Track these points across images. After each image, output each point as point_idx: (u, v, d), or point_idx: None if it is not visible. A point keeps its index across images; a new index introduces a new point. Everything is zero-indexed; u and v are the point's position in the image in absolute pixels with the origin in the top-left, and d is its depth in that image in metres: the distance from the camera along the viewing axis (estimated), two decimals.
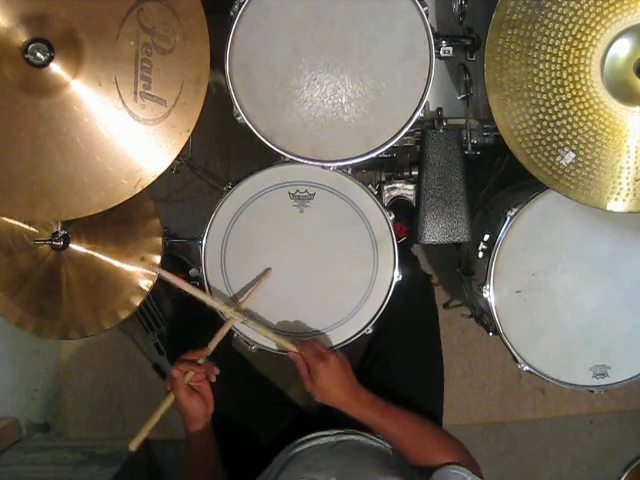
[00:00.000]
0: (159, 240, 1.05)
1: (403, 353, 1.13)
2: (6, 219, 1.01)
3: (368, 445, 0.97)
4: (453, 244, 1.07)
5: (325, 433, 1.00)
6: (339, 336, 1.06)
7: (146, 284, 1.05)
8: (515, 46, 0.86)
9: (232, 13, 0.91)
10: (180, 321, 1.26)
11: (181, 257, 1.49)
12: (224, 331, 0.97)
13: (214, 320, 1.03)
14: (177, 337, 1.19)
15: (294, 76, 0.94)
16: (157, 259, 1.05)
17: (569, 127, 0.89)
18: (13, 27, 0.77)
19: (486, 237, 1.09)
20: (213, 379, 0.95)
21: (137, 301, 1.05)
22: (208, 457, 0.98)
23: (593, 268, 1.07)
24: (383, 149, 0.98)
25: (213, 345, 0.96)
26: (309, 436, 1.00)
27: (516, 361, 1.08)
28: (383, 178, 1.23)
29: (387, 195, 1.13)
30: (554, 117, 0.89)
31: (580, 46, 0.85)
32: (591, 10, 0.83)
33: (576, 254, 1.06)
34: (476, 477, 0.86)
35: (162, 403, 0.93)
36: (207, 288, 1.04)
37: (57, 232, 1.02)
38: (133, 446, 0.91)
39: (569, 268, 1.07)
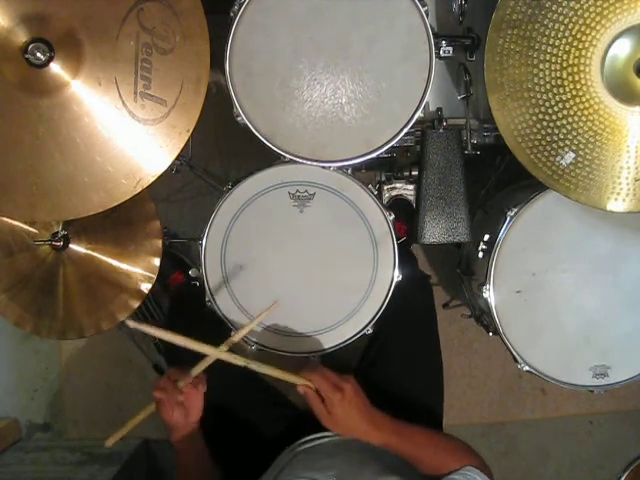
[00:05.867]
0: (159, 242, 1.06)
1: (402, 353, 1.13)
2: (7, 220, 1.01)
3: (369, 446, 0.97)
4: (453, 244, 1.07)
5: (326, 434, 1.00)
6: (339, 336, 1.06)
7: (145, 286, 1.05)
8: (515, 46, 0.86)
9: (232, 13, 0.91)
10: (176, 318, 1.25)
11: (181, 257, 1.49)
12: (208, 362, 0.91)
13: (213, 317, 1.03)
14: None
15: (294, 76, 0.94)
16: (156, 261, 1.05)
17: (569, 127, 0.89)
18: (13, 27, 0.77)
19: (486, 237, 1.09)
20: (203, 391, 0.93)
21: (136, 303, 1.06)
22: (197, 463, 0.97)
23: (593, 268, 1.07)
24: (383, 149, 0.98)
25: (196, 372, 0.91)
26: (310, 437, 1.00)
27: (516, 361, 1.08)
28: (383, 178, 1.23)
29: (387, 195, 1.13)
30: (554, 117, 0.89)
31: (580, 46, 0.85)
32: (591, 10, 0.83)
33: (576, 254, 1.06)
34: (485, 477, 0.86)
35: (144, 409, 0.91)
36: (207, 288, 1.04)
37: (57, 232, 1.02)
38: (109, 442, 0.89)
39: (569, 268, 1.07)
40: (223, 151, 1.60)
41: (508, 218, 1.04)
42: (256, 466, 0.98)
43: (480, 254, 1.10)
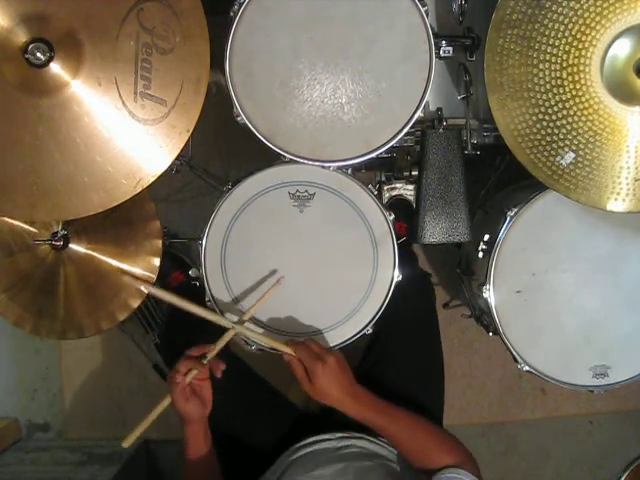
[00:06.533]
0: (159, 242, 1.05)
1: (403, 353, 1.13)
2: (7, 219, 1.01)
3: (370, 450, 0.97)
4: (453, 244, 1.07)
5: (327, 437, 0.99)
6: (339, 336, 1.06)
7: (145, 286, 1.05)
8: (515, 46, 0.86)
9: (232, 13, 0.91)
10: (177, 318, 1.25)
11: (181, 257, 1.49)
12: (229, 336, 0.95)
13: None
14: (174, 336, 1.19)
15: (294, 76, 0.94)
16: (156, 261, 1.05)
17: (569, 127, 0.89)
18: (13, 27, 0.77)
19: (486, 237, 1.09)
20: (219, 375, 0.94)
21: (136, 303, 1.05)
22: (205, 459, 0.97)
23: (593, 268, 1.07)
24: (383, 149, 0.98)
25: (220, 346, 0.94)
26: (311, 439, 1.00)
27: (516, 361, 1.08)
28: (383, 178, 1.23)
29: (387, 195, 1.13)
30: (554, 117, 0.89)
31: (580, 46, 0.85)
32: (591, 10, 0.83)
33: (576, 254, 1.06)
34: (474, 478, 0.86)
35: (159, 403, 0.92)
36: (207, 288, 1.04)
37: (57, 232, 1.02)
38: (127, 443, 0.91)
39: (569, 268, 1.07)
40: (223, 151, 1.60)
41: (508, 218, 1.04)
42: (257, 467, 0.98)
43: (480, 254, 1.10)
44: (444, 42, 0.99)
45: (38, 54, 0.77)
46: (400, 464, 0.94)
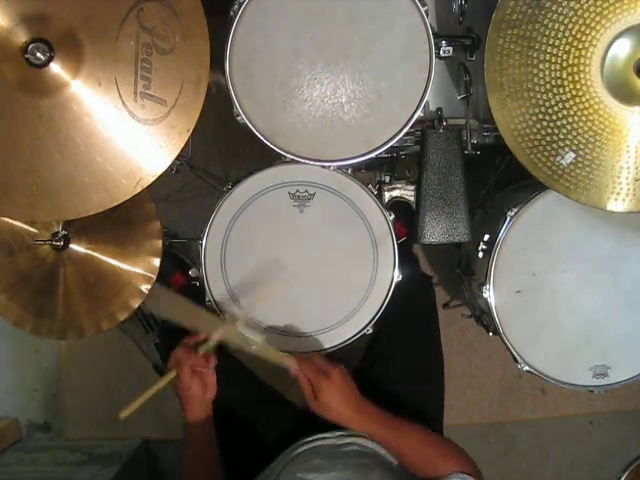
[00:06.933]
0: (159, 243, 1.06)
1: (403, 353, 1.13)
2: (7, 219, 1.01)
3: (370, 448, 0.97)
4: (453, 244, 1.07)
5: (327, 435, 0.99)
6: (339, 336, 1.06)
7: (145, 286, 1.05)
8: (515, 46, 0.86)
9: (232, 13, 0.91)
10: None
11: (181, 257, 1.49)
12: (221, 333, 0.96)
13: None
14: (173, 336, 1.18)
15: (294, 76, 0.94)
16: (156, 262, 1.05)
17: (569, 127, 0.89)
18: (13, 27, 0.77)
19: (486, 237, 1.09)
20: (211, 366, 0.95)
21: (136, 303, 1.05)
22: (207, 451, 0.97)
23: (593, 268, 1.07)
24: (383, 149, 0.98)
25: (215, 338, 0.94)
26: (311, 437, 1.00)
27: (516, 361, 1.08)
28: (383, 178, 1.23)
29: (387, 195, 1.13)
30: (554, 117, 0.89)
31: (580, 46, 0.85)
32: (591, 10, 0.83)
33: (576, 254, 1.06)
34: None
35: (162, 377, 0.93)
36: (207, 288, 1.04)
37: (57, 232, 1.02)
38: (124, 414, 0.91)
39: (569, 268, 1.07)
40: (223, 151, 1.60)
41: (508, 218, 1.04)
42: (256, 465, 0.98)
43: (480, 254, 1.10)
44: (444, 42, 0.98)
45: (38, 54, 0.77)
46: (398, 465, 0.94)
